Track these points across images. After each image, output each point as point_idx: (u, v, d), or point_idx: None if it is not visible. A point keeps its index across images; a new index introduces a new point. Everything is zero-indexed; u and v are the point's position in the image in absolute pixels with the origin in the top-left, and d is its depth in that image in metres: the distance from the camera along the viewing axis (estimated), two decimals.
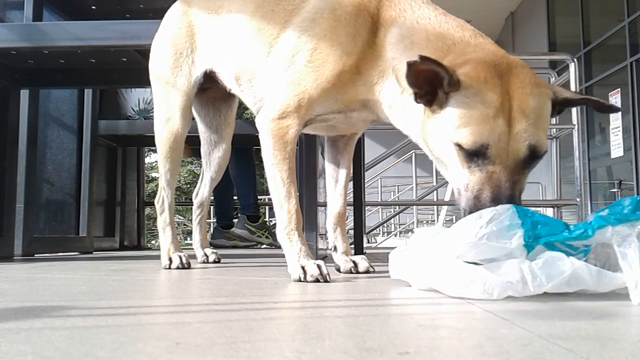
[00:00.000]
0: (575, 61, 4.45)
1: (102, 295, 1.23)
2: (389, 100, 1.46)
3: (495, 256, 1.11)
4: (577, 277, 1.04)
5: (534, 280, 1.03)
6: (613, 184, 8.94)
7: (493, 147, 1.19)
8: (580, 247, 1.13)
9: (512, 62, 1.26)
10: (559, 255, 1.06)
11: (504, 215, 1.11)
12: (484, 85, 1.20)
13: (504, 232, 1.09)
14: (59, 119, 3.46)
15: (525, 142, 1.19)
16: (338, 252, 1.78)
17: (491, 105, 1.18)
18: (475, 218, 1.13)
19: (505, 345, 0.68)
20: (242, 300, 1.12)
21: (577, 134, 4.48)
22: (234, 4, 1.78)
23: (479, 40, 1.37)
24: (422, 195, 7.51)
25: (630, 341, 0.71)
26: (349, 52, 1.44)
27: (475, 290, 1.06)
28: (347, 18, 1.46)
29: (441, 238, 1.17)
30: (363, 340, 0.70)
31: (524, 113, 1.19)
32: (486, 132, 1.18)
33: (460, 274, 1.09)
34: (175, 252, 1.95)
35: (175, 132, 1.94)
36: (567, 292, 1.06)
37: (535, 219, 1.12)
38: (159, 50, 1.99)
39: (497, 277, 1.05)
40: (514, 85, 1.20)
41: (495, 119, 1.18)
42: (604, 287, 1.05)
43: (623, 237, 1.03)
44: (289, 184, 1.51)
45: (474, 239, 1.10)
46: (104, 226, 4.00)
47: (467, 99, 1.20)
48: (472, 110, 1.19)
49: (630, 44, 8.23)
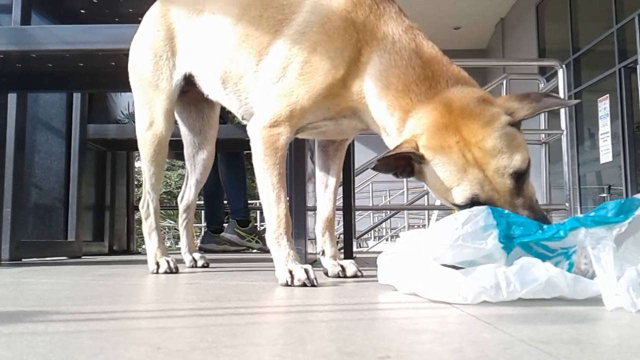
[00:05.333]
0: (563, 67, 4.49)
1: (87, 300, 1.22)
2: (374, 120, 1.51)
3: (474, 258, 1.11)
4: (552, 284, 1.04)
5: (508, 287, 1.03)
6: (602, 189, 9.00)
7: (482, 194, 1.27)
8: (558, 250, 1.12)
9: (464, 107, 1.31)
10: (534, 262, 1.06)
11: (479, 216, 1.12)
12: (443, 151, 1.30)
13: (479, 233, 1.10)
14: (48, 123, 3.44)
15: (505, 174, 1.26)
16: (326, 256, 1.78)
17: (459, 164, 1.28)
18: (451, 220, 1.13)
19: (486, 349, 0.69)
20: (227, 305, 1.12)
21: (566, 140, 4.52)
22: (216, 6, 1.77)
23: (441, 80, 1.40)
24: (413, 200, 7.53)
25: (609, 345, 0.71)
26: (337, 66, 1.47)
27: (451, 294, 1.06)
28: (336, 33, 1.48)
29: (422, 241, 1.18)
30: (344, 345, 0.70)
31: (488, 154, 1.27)
32: (468, 187, 1.28)
33: (437, 278, 1.09)
34: (163, 256, 1.94)
35: (159, 136, 1.94)
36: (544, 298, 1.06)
37: (510, 220, 1.13)
38: (139, 54, 1.97)
39: (471, 282, 1.05)
40: (469, 136, 1.29)
41: (468, 174, 1.27)
42: (580, 294, 1.05)
43: (597, 240, 1.02)
44: (279, 189, 1.53)
45: (450, 241, 1.10)
46: (93, 231, 3.97)
47: (437, 168, 1.31)
48: (446, 175, 1.30)
49: (619, 50, 8.31)
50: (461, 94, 1.35)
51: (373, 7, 1.50)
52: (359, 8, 1.50)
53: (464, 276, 1.07)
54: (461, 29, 13.07)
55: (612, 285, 0.98)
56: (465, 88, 1.37)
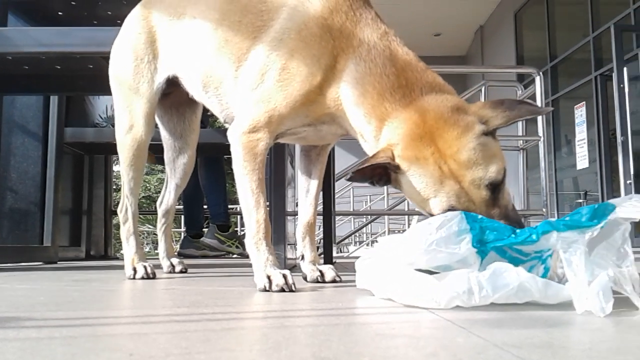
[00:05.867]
0: (541, 75, 4.56)
1: (61, 306, 1.20)
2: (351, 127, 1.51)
3: (448, 263, 1.12)
4: (524, 289, 1.04)
5: (480, 291, 1.04)
6: (579, 194, 9.14)
7: (459, 206, 1.27)
8: (532, 254, 1.13)
9: (438, 116, 1.32)
10: (506, 267, 1.07)
11: (453, 221, 1.12)
12: (419, 162, 1.31)
13: (452, 237, 1.11)
14: (24, 126, 3.39)
15: (481, 186, 1.27)
16: (305, 261, 1.79)
17: (435, 177, 1.29)
18: (425, 224, 1.14)
19: (459, 353, 0.69)
20: (204, 310, 1.11)
21: (543, 146, 4.58)
22: (197, 10, 1.77)
23: (415, 89, 1.40)
24: (393, 205, 7.57)
25: (580, 349, 0.72)
26: (314, 72, 1.48)
27: (425, 299, 1.06)
28: (313, 39, 1.49)
29: (398, 246, 1.18)
30: (320, 350, 0.70)
31: (464, 166, 1.28)
32: (445, 199, 1.28)
33: (411, 283, 1.09)
34: (140, 262, 1.92)
35: (139, 140, 1.92)
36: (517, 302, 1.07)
37: (484, 225, 1.13)
38: (119, 57, 1.96)
39: (444, 287, 1.05)
40: (443, 147, 1.29)
41: (445, 186, 1.28)
42: (551, 299, 1.06)
43: (569, 244, 1.03)
44: (258, 194, 1.53)
45: (425, 246, 1.11)
46: (70, 235, 3.92)
47: (414, 179, 1.32)
48: (422, 186, 1.31)
49: (595, 58, 8.47)
50: (435, 103, 1.35)
51: (349, 13, 1.51)
52: (336, 15, 1.50)
53: (437, 281, 1.07)
54: (441, 35, 13.20)
55: (582, 289, 0.99)
56: (439, 96, 1.38)
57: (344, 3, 1.52)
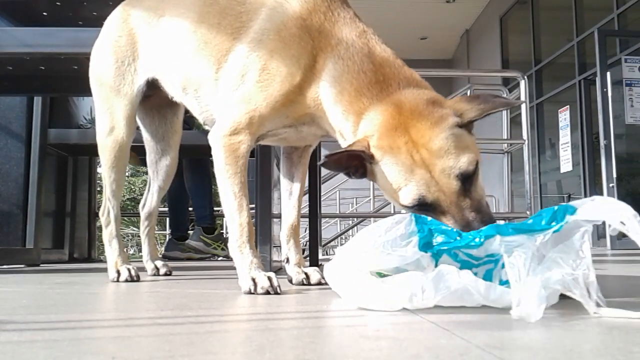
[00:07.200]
0: (525, 79, 4.61)
1: (43, 309, 1.19)
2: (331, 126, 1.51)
3: (399, 265, 1.10)
4: (467, 292, 1.03)
5: (423, 294, 1.03)
6: (562, 197, 9.24)
7: (429, 195, 1.27)
8: (484, 258, 1.11)
9: (413, 108, 1.33)
10: (450, 269, 1.05)
11: (402, 223, 1.11)
12: (392, 151, 1.31)
13: (399, 240, 1.10)
14: (7, 127, 3.35)
15: (451, 175, 1.27)
16: (290, 264, 1.78)
17: (406, 165, 1.29)
18: (375, 227, 1.13)
19: (442, 355, 0.70)
20: (188, 313, 1.11)
21: (527, 149, 4.63)
22: (176, 12, 1.77)
23: (392, 83, 1.41)
24: (380, 207, 7.59)
25: (561, 350, 0.73)
26: (293, 73, 1.48)
27: (375, 301, 1.06)
28: (292, 40, 1.49)
29: (354, 250, 1.16)
30: (304, 352, 0.70)
31: (435, 154, 1.28)
32: (415, 188, 1.28)
33: (361, 286, 1.09)
34: (123, 264, 1.91)
35: (120, 142, 1.92)
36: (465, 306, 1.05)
37: (433, 227, 1.13)
38: (100, 58, 1.95)
39: (391, 289, 1.05)
40: (416, 137, 1.30)
41: (415, 174, 1.28)
42: (494, 302, 1.04)
43: (513, 248, 1.02)
44: (240, 197, 1.52)
45: (373, 248, 1.10)
46: (53, 238, 3.87)
47: (386, 168, 1.32)
48: (394, 175, 1.31)
49: (579, 63, 8.57)
50: (411, 96, 1.36)
51: (328, 13, 1.52)
52: (314, 15, 1.51)
53: (384, 284, 1.07)
54: (427, 39, 13.29)
55: (519, 293, 0.97)
56: (416, 90, 1.39)
57: (322, 4, 1.53)
